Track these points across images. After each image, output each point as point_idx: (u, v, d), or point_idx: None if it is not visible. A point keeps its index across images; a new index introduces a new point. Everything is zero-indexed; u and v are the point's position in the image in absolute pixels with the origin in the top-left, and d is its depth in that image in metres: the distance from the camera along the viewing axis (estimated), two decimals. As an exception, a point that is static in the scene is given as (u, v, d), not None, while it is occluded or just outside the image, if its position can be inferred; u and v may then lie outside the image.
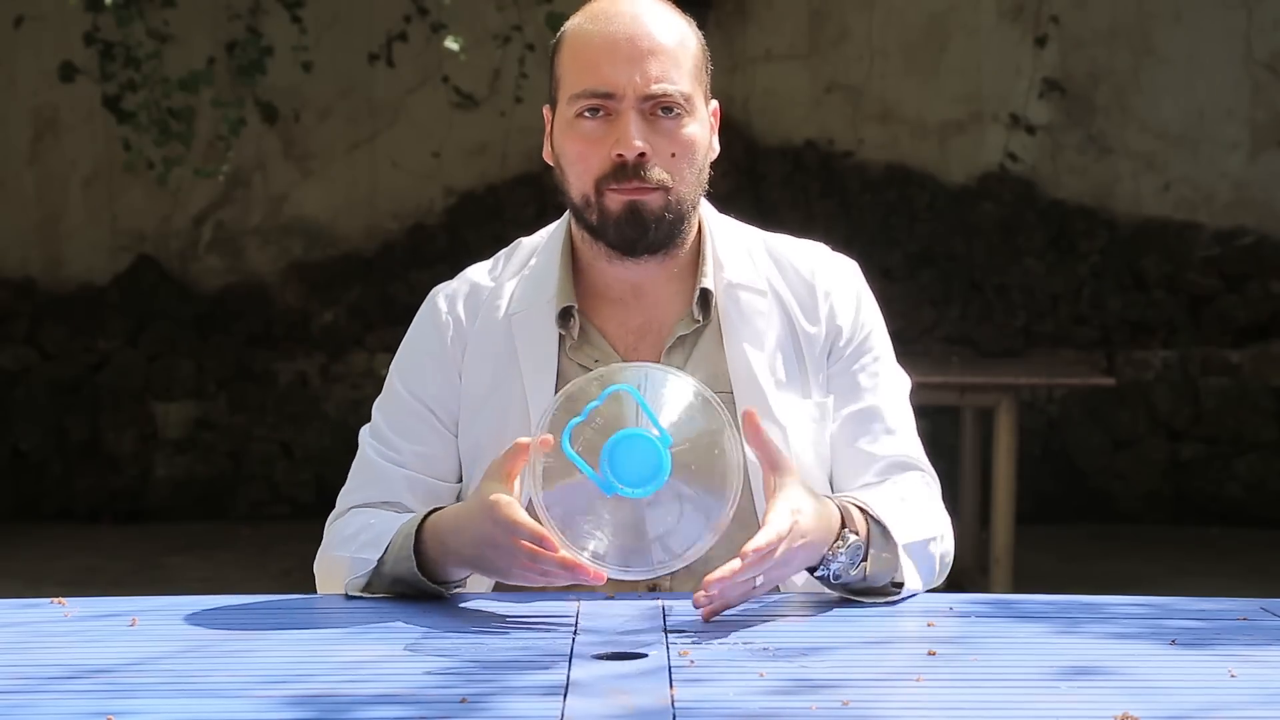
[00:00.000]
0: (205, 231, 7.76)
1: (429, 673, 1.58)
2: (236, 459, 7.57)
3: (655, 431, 1.71)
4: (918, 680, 1.55)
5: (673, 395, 1.78)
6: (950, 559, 2.08)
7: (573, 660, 1.60)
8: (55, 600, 1.89)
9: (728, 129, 7.66)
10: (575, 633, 1.72)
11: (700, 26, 2.13)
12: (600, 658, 1.62)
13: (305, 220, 7.74)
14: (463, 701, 1.46)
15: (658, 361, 2.06)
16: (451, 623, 1.80)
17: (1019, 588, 5.44)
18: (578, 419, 1.74)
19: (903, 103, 7.61)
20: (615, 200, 1.99)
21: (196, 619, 1.82)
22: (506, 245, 2.22)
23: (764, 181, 7.58)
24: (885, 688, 1.55)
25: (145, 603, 1.88)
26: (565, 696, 1.47)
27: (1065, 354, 7.40)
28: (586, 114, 1.99)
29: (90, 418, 7.62)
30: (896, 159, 7.61)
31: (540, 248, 2.16)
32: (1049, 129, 7.53)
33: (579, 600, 1.88)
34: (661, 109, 1.99)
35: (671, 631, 1.73)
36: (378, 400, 2.17)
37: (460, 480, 2.12)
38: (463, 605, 1.89)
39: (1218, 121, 7.52)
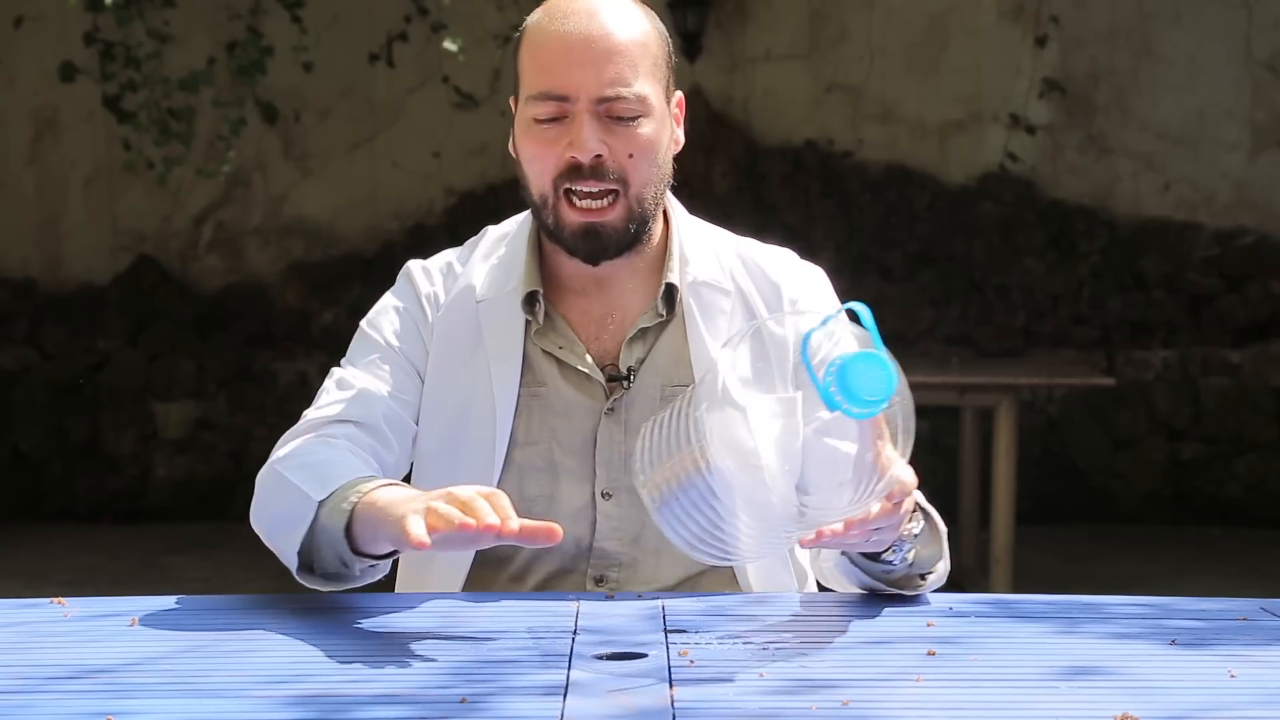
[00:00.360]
0: (205, 231, 7.77)
1: (429, 673, 1.58)
2: (236, 459, 7.57)
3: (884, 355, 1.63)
4: (917, 680, 1.55)
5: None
6: None
7: (573, 660, 1.60)
8: (55, 600, 1.89)
9: (729, 129, 7.61)
10: (575, 633, 1.72)
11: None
12: (600, 658, 1.62)
13: (305, 220, 7.75)
14: (462, 701, 1.46)
15: (617, 354, 2.07)
16: (451, 622, 1.80)
17: (1019, 588, 5.44)
18: (816, 327, 1.67)
19: (903, 103, 7.61)
20: (572, 218, 1.99)
21: (196, 619, 1.81)
22: None
23: (764, 181, 7.58)
24: (885, 688, 1.54)
25: (145, 603, 1.88)
26: (565, 696, 1.47)
27: (1065, 354, 7.41)
28: (542, 116, 1.98)
29: (90, 418, 7.62)
30: (896, 159, 7.61)
31: (508, 236, 2.17)
32: (1049, 129, 7.53)
33: (579, 600, 1.88)
34: (617, 112, 1.97)
35: (671, 631, 1.73)
36: (350, 351, 2.14)
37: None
38: (462, 605, 1.89)
39: (1218, 121, 7.52)
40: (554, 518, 2.04)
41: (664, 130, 2.03)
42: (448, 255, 2.19)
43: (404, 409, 2.08)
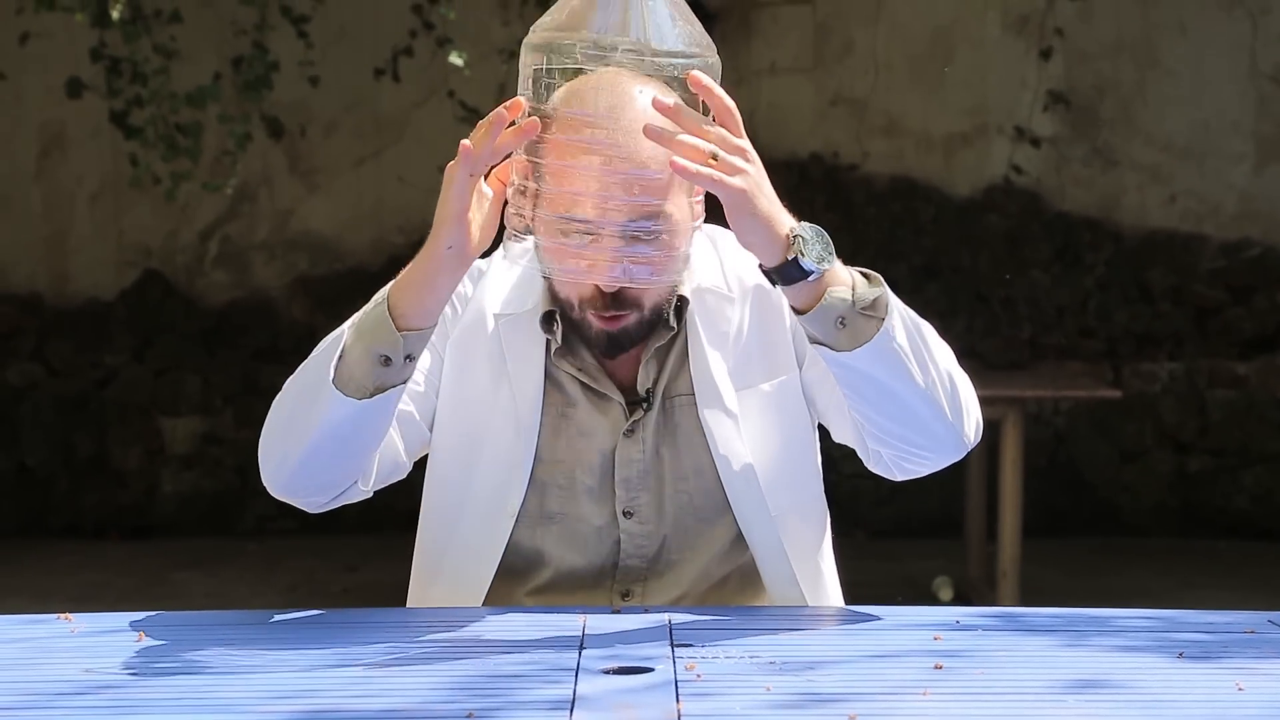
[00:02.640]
0: (212, 246, 7.77)
1: (435, 687, 1.58)
2: (243, 474, 7.57)
3: None
4: (924, 694, 1.55)
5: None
6: (977, 412, 2.07)
7: (579, 674, 1.60)
8: (62, 616, 1.89)
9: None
10: (581, 646, 1.72)
11: None
12: (607, 672, 1.62)
13: (312, 235, 7.75)
14: (469, 716, 1.46)
15: (634, 374, 2.09)
16: (458, 636, 1.80)
17: (1026, 601, 5.44)
18: None
19: (907, 115, 7.61)
20: (596, 327, 2.00)
21: (203, 634, 1.82)
22: None
23: (769, 195, 7.58)
24: (892, 702, 1.54)
25: (152, 618, 1.88)
26: (572, 711, 1.48)
27: (1071, 366, 7.40)
28: (568, 231, 1.93)
29: (97, 433, 7.62)
30: (901, 171, 7.61)
31: (529, 252, 2.13)
32: (1054, 141, 7.53)
33: (585, 615, 1.88)
34: (645, 232, 1.93)
35: (678, 645, 1.73)
36: None
37: (429, 430, 2.11)
38: (469, 619, 1.89)
39: (1223, 134, 7.51)
40: (576, 536, 2.07)
41: (687, 230, 1.99)
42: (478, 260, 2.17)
43: (413, 400, 2.08)
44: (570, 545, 2.08)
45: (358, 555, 6.60)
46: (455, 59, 6.25)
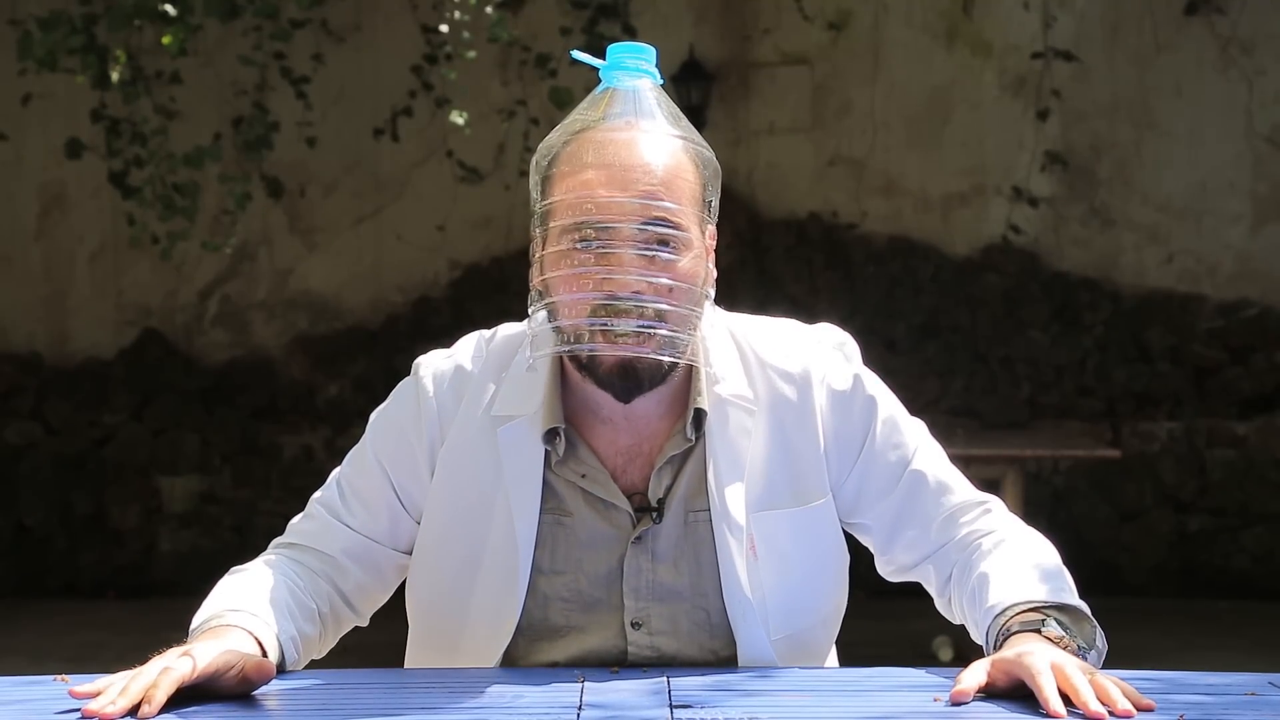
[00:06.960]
0: (211, 305, 7.79)
1: (433, 749, 1.57)
2: (241, 533, 7.56)
3: None
4: (924, 756, 1.54)
5: None
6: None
7: (577, 736, 1.60)
8: (58, 677, 1.88)
9: (732, 202, 7.62)
10: (580, 708, 1.71)
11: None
12: (605, 734, 1.61)
13: (310, 294, 7.77)
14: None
15: (645, 481, 2.02)
16: (456, 696, 1.79)
17: (1026, 661, 5.40)
18: (578, 52, 2.04)
19: (906, 175, 7.64)
20: (608, 354, 1.90)
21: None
22: (512, 319, 2.14)
23: (768, 254, 7.60)
24: (892, 764, 1.54)
25: (148, 679, 1.87)
26: (570, 773, 1.47)
27: (1070, 426, 7.40)
28: (580, 245, 1.89)
29: (95, 492, 7.61)
30: (900, 231, 7.64)
31: (524, 346, 2.05)
32: (1051, 201, 7.56)
33: (583, 675, 1.87)
34: (658, 242, 1.89)
35: (676, 707, 1.72)
36: (352, 451, 2.16)
37: (408, 552, 2.08)
38: (467, 681, 1.89)
39: (1220, 194, 7.54)
40: (583, 649, 2.00)
41: (701, 265, 1.94)
42: (461, 354, 2.09)
43: (374, 532, 2.07)
44: (575, 658, 2.00)
45: (355, 615, 6.57)
46: (456, 118, 6.28)
